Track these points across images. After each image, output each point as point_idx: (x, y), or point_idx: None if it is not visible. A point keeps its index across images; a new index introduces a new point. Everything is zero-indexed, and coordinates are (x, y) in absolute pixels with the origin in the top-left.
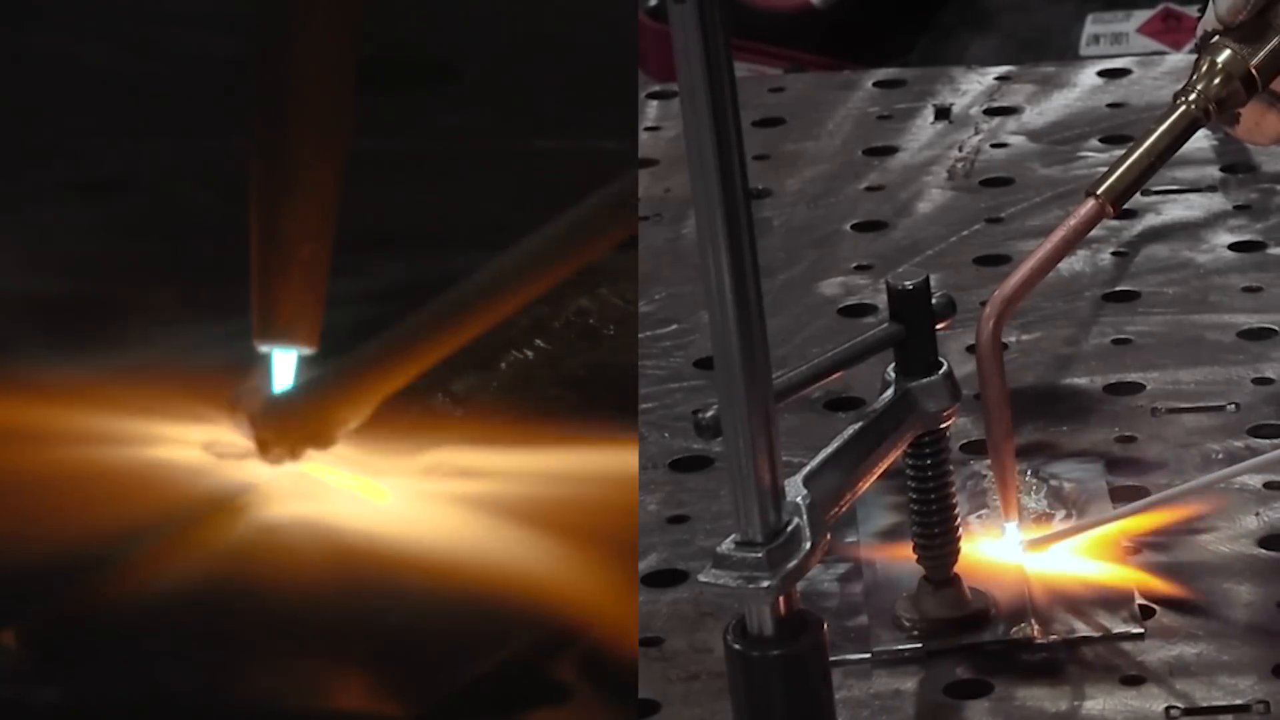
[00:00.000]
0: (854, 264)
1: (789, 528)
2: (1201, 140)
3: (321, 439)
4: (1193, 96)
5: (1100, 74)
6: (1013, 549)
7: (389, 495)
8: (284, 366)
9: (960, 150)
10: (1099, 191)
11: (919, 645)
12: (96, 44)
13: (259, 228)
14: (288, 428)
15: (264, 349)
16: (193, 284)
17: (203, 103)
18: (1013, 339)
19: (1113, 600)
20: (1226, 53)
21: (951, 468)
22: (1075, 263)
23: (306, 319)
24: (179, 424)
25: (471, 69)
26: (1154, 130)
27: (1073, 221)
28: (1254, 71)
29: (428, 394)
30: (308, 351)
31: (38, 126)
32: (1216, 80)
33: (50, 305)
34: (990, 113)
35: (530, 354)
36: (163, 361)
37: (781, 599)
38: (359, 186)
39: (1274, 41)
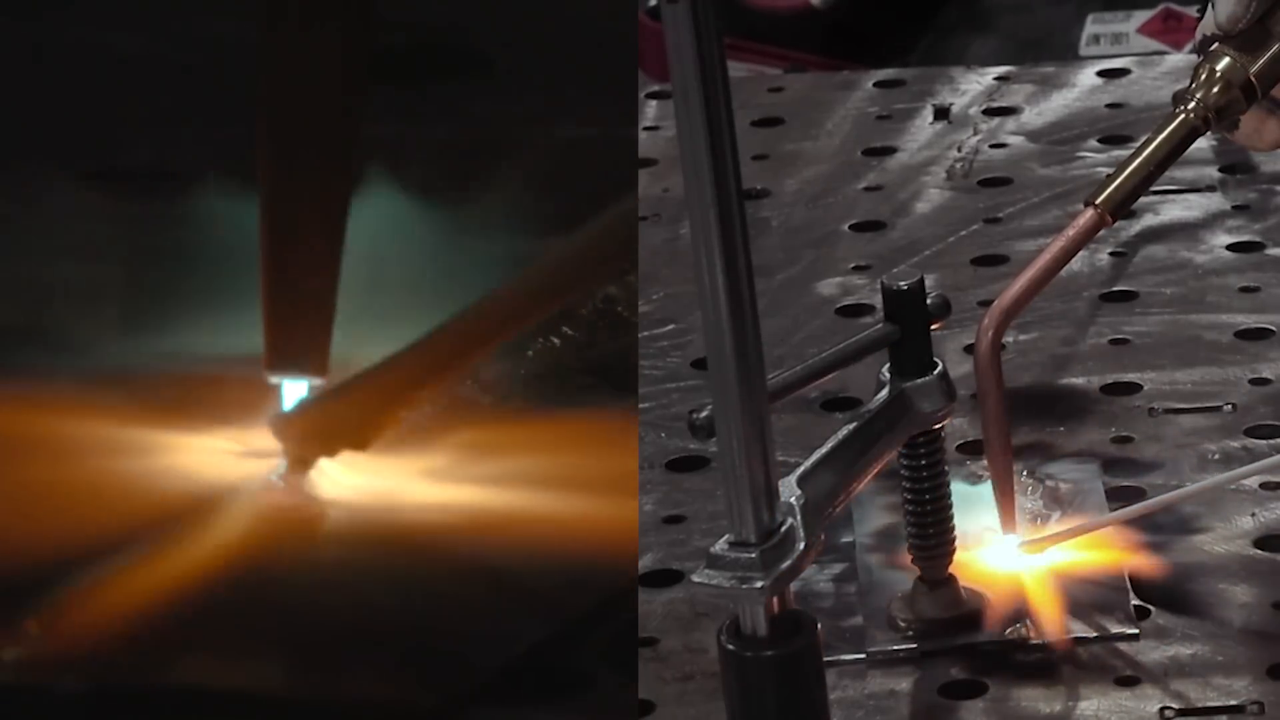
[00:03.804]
0: (852, 264)
1: (783, 528)
2: (1200, 140)
3: (344, 445)
4: (1192, 105)
5: (1100, 74)
6: (1008, 550)
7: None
8: (294, 397)
9: (959, 150)
10: (1098, 201)
11: (914, 646)
12: (126, 32)
13: (268, 258)
14: (313, 434)
15: (274, 379)
16: (219, 272)
17: (233, 91)
18: (1010, 339)
19: (1108, 600)
20: (1226, 60)
21: (946, 468)
22: (1073, 263)
23: (316, 349)
24: (200, 417)
25: (501, 58)
26: (1153, 139)
27: (1071, 231)
28: (1254, 79)
29: (456, 380)
30: (318, 381)
31: (65, 114)
32: (1216, 88)
33: (74, 293)
34: (989, 113)
35: (558, 341)
36: (188, 349)
37: (775, 599)
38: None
39: (1274, 49)
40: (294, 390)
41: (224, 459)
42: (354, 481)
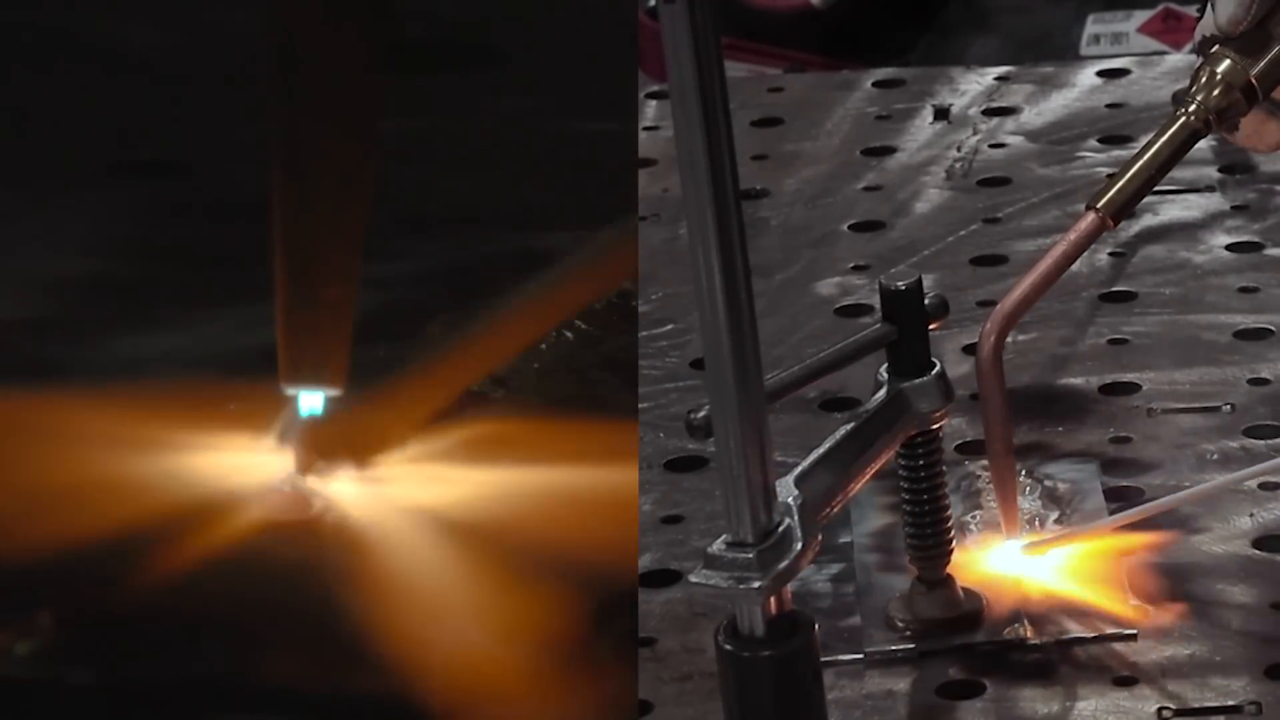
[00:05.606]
0: (851, 264)
1: (780, 528)
2: (1200, 140)
3: (366, 455)
4: (1193, 108)
5: (1099, 74)
6: (1006, 550)
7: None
8: (310, 407)
9: (959, 150)
10: (1099, 205)
11: (911, 646)
12: (144, 26)
13: (285, 268)
14: (333, 446)
15: (290, 391)
16: (236, 268)
17: (251, 86)
18: (1009, 339)
19: (1106, 601)
20: (1226, 63)
21: (944, 468)
22: None
23: (333, 360)
24: (209, 415)
25: (516, 52)
26: (1154, 142)
27: (1073, 235)
28: (1254, 81)
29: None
30: (334, 393)
31: (78, 108)
32: (1217, 91)
33: (89, 287)
34: (989, 113)
35: (571, 335)
36: (199, 347)
37: (772, 599)
38: (399, 169)
39: (1274, 51)
40: (310, 401)
41: (233, 455)
42: (363, 476)
